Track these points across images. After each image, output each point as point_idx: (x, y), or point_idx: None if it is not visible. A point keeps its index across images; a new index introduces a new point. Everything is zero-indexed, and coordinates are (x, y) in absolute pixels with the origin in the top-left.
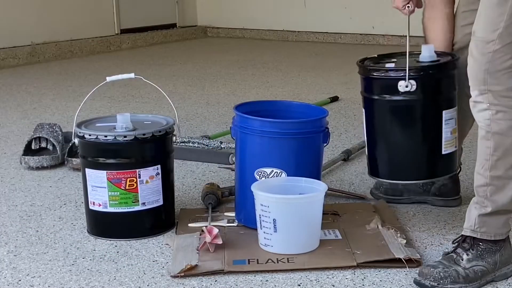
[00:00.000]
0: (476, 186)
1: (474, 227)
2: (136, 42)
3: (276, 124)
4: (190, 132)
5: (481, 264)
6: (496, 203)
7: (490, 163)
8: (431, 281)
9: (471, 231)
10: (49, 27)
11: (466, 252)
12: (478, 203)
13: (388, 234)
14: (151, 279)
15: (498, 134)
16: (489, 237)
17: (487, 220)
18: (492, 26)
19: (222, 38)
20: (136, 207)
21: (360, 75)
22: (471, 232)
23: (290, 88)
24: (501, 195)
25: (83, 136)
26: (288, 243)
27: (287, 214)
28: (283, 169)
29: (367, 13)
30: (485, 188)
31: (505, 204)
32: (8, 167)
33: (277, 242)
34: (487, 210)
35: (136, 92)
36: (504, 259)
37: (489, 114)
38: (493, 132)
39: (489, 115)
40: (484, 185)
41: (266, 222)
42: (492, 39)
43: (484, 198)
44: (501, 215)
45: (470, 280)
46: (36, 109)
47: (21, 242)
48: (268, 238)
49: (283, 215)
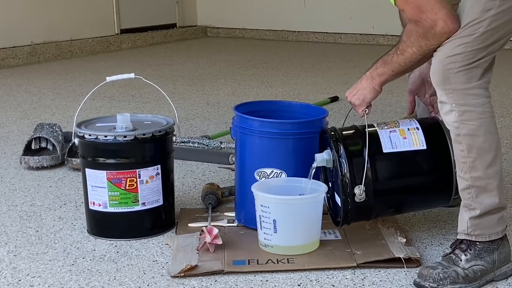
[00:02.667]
0: (460, 190)
1: (468, 231)
2: (136, 42)
3: (276, 125)
4: (190, 132)
5: (480, 263)
6: (484, 204)
7: (467, 165)
8: (430, 282)
9: (465, 235)
10: (49, 27)
11: (464, 252)
12: (467, 206)
13: (388, 233)
14: (151, 279)
15: (468, 135)
16: (484, 238)
17: (479, 222)
18: (469, 31)
19: (222, 38)
20: (136, 207)
21: None
22: (465, 235)
23: (290, 88)
24: (486, 195)
25: (83, 136)
26: (288, 244)
27: (287, 215)
28: (283, 169)
29: (367, 13)
30: (469, 191)
31: (493, 203)
32: (8, 167)
33: (277, 242)
34: (476, 213)
35: (136, 92)
36: (502, 257)
37: (455, 116)
38: (463, 134)
39: (456, 117)
40: (468, 188)
41: (266, 223)
42: (466, 42)
43: (470, 200)
44: (493, 214)
45: (469, 280)
46: (36, 109)
47: (21, 242)
48: (268, 238)
49: (283, 216)
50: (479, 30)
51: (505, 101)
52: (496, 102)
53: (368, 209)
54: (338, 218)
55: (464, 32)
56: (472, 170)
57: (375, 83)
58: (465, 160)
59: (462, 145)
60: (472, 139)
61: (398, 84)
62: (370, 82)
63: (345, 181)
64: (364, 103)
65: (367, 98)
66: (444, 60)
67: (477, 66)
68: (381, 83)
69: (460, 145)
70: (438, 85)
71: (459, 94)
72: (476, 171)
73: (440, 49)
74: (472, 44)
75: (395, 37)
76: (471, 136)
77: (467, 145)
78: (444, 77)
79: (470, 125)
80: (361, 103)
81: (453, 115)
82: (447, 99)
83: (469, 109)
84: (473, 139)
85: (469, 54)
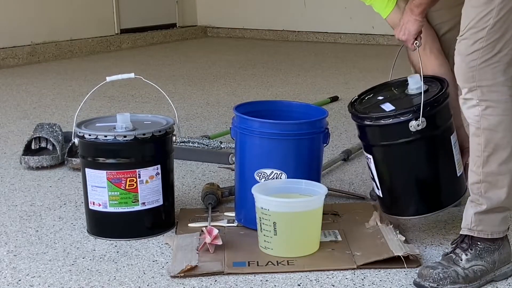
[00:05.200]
0: (470, 183)
1: (471, 226)
2: (136, 42)
3: (276, 125)
4: (190, 132)
5: (480, 263)
6: (491, 200)
7: (482, 160)
8: (430, 282)
9: (468, 230)
10: (49, 27)
11: (465, 252)
12: (474, 201)
13: (387, 230)
14: (151, 279)
15: (488, 130)
16: (486, 235)
17: (483, 218)
18: (480, 25)
19: (222, 38)
20: (136, 207)
21: (358, 123)
22: (468, 231)
23: (290, 88)
24: (495, 191)
25: (83, 136)
26: (288, 246)
27: (287, 218)
28: (283, 170)
29: (367, 13)
30: (479, 185)
31: (500, 200)
32: (8, 167)
33: (277, 245)
34: (482, 208)
35: (136, 92)
36: (503, 258)
37: (478, 110)
38: (483, 128)
39: (479, 111)
40: (478, 182)
41: (266, 225)
42: (480, 37)
43: (478, 195)
44: (498, 213)
45: (469, 280)
46: (36, 109)
47: (21, 242)
48: (268, 241)
49: (283, 219)
50: (490, 21)
51: None
52: None
53: None
54: None
55: (475, 27)
56: (485, 165)
57: (416, 14)
58: (480, 154)
59: (480, 139)
60: (491, 134)
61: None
62: (410, 15)
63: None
64: (411, 36)
65: (412, 30)
66: (466, 58)
67: (499, 60)
68: (420, 12)
69: (478, 138)
70: (464, 83)
71: (483, 91)
72: (490, 166)
73: (459, 49)
74: (487, 38)
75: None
76: (490, 131)
77: (485, 139)
78: (468, 74)
79: (491, 120)
80: (408, 37)
81: (476, 109)
82: (472, 95)
83: (493, 105)
84: (492, 134)
85: (486, 48)
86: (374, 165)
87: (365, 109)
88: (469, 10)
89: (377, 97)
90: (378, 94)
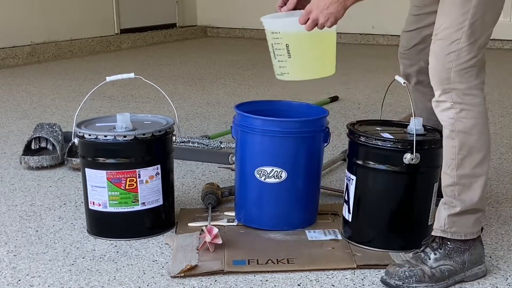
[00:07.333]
0: (443, 186)
1: (444, 228)
2: (136, 42)
3: (278, 123)
4: (190, 132)
5: (449, 263)
6: (465, 202)
7: (456, 162)
8: (396, 280)
9: (441, 232)
10: (49, 27)
11: (434, 251)
12: (447, 203)
13: None
14: (151, 279)
15: (463, 133)
16: (459, 236)
17: (456, 220)
18: (456, 25)
19: (222, 38)
20: (136, 207)
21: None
22: (441, 232)
23: (290, 88)
24: (469, 193)
25: (83, 136)
26: (303, 67)
27: (299, 37)
28: (284, 168)
29: (367, 13)
30: (452, 188)
31: (474, 203)
32: (8, 167)
33: (292, 68)
34: (456, 210)
35: (136, 92)
36: (473, 258)
37: (453, 113)
38: (457, 131)
39: (453, 113)
40: (452, 185)
41: (279, 50)
42: (456, 38)
43: (452, 198)
44: (471, 214)
45: (436, 279)
46: (36, 109)
47: (21, 242)
48: (283, 65)
49: (295, 39)
50: (465, 23)
51: (505, 101)
52: (496, 102)
53: None
54: None
55: (452, 27)
56: (460, 167)
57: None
58: (455, 157)
59: (455, 141)
60: (466, 137)
61: (398, 84)
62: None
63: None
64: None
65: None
66: (442, 60)
67: (473, 65)
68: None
69: (453, 141)
70: (438, 85)
71: (457, 94)
72: (464, 169)
73: (434, 49)
74: (463, 40)
75: (395, 37)
76: (465, 134)
77: (460, 142)
78: (443, 76)
79: (466, 123)
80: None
81: (451, 112)
82: (446, 97)
83: (467, 108)
84: (466, 136)
85: (463, 50)
86: (354, 187)
87: (365, 132)
88: (445, 8)
89: (377, 127)
90: (378, 126)
